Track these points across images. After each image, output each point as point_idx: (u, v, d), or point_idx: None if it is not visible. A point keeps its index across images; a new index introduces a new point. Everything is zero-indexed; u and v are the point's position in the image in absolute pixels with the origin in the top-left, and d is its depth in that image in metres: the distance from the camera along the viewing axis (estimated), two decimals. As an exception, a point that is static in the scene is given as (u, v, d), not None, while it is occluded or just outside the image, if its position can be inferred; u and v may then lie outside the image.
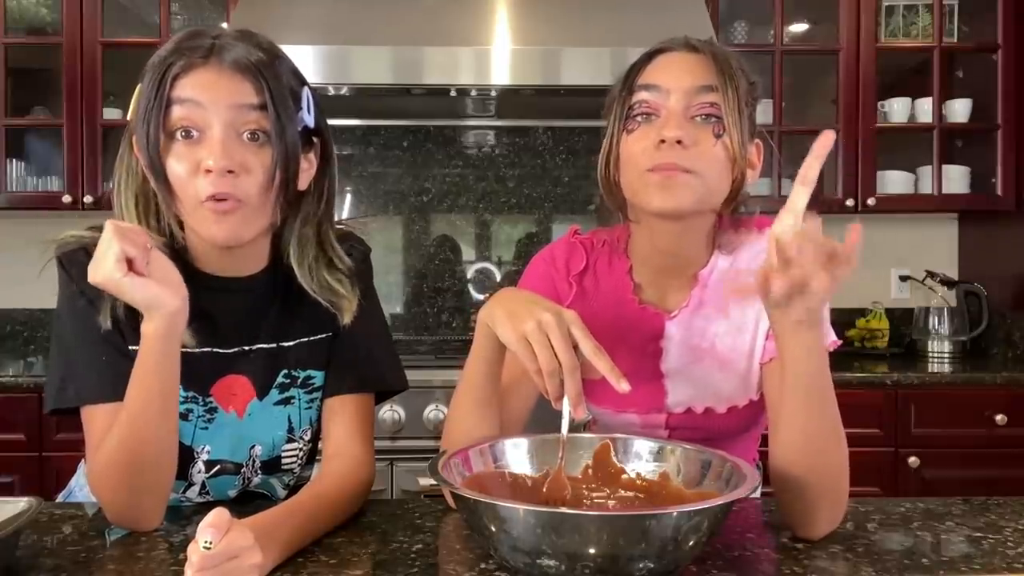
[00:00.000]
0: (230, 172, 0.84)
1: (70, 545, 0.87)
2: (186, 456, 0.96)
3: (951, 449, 2.23)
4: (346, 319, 0.99)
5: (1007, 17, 2.53)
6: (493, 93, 2.34)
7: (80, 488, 1.12)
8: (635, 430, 1.06)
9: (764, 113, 2.58)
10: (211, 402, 0.97)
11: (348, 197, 2.81)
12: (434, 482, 0.77)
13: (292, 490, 1.11)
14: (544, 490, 0.86)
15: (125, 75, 2.62)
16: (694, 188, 0.93)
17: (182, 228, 0.93)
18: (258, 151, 0.87)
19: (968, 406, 2.23)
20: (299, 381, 1.01)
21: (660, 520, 0.68)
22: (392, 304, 2.83)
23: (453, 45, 2.22)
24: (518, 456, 0.91)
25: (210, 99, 0.84)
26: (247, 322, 0.98)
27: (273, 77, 0.87)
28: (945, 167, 2.57)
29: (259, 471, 1.02)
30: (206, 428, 0.98)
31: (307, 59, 2.19)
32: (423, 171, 2.82)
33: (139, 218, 0.92)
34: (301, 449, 1.04)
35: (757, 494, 1.10)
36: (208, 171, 0.84)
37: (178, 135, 0.86)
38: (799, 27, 2.80)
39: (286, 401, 1.00)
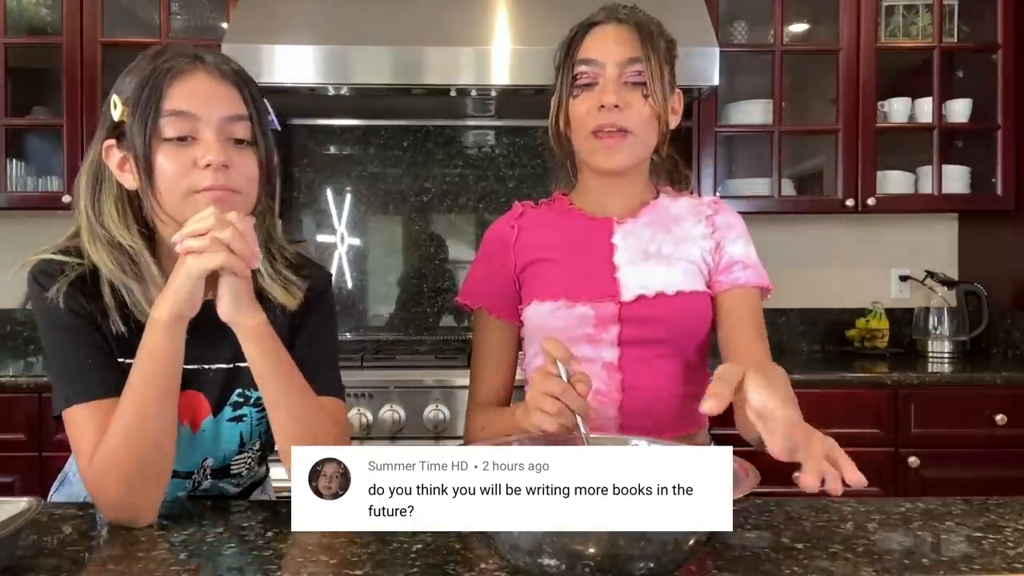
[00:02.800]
0: (225, 166, 0.93)
1: (70, 545, 0.87)
2: None
3: (951, 449, 2.23)
4: (292, 304, 1.03)
5: (1007, 17, 2.53)
6: (493, 93, 2.34)
7: (75, 473, 1.12)
8: (588, 328, 1.15)
9: (764, 113, 2.58)
10: None
11: (348, 197, 2.82)
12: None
13: (245, 489, 1.15)
14: None
15: (125, 75, 2.63)
16: (631, 147, 1.14)
17: (153, 238, 0.99)
18: (243, 151, 0.96)
19: (968, 406, 2.23)
20: (251, 400, 1.04)
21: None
22: (392, 304, 2.83)
23: (453, 45, 2.22)
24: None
25: (203, 111, 0.93)
26: (208, 341, 1.01)
27: (251, 86, 0.98)
28: (945, 167, 2.57)
29: (209, 477, 1.07)
30: None
31: (307, 59, 2.19)
32: (423, 171, 2.83)
33: (118, 224, 0.97)
34: (251, 458, 1.09)
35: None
36: (208, 165, 0.92)
37: (173, 139, 0.93)
38: (799, 27, 2.80)
39: (238, 419, 1.04)
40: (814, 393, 2.16)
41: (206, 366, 1.02)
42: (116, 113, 0.95)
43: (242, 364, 1.01)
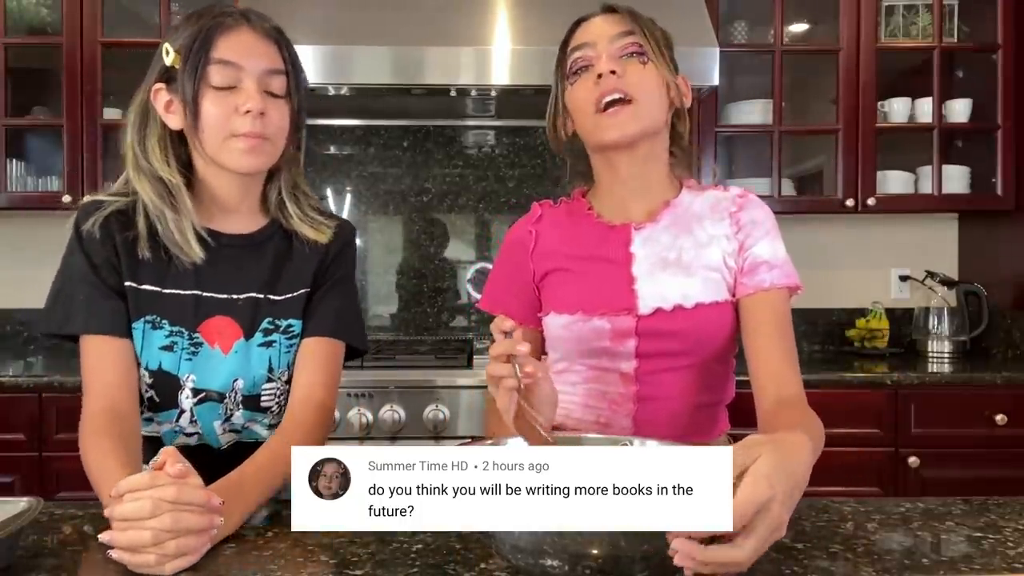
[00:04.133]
0: (262, 114, 1.03)
1: (70, 545, 0.87)
2: (174, 384, 1.09)
3: (951, 449, 2.23)
4: (324, 239, 1.15)
5: (1007, 17, 2.53)
6: (493, 93, 2.34)
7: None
8: (605, 342, 1.13)
9: (764, 113, 2.58)
10: (197, 337, 1.09)
11: (348, 197, 2.82)
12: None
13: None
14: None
15: (125, 75, 2.62)
16: (637, 115, 1.08)
17: (191, 176, 1.09)
18: (277, 102, 1.06)
19: (968, 406, 2.23)
20: (281, 328, 1.13)
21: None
22: (392, 304, 2.84)
23: (453, 45, 2.22)
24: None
25: (247, 62, 1.03)
26: (235, 273, 1.12)
27: (288, 45, 1.08)
28: (945, 167, 2.58)
29: (240, 405, 1.12)
30: (190, 360, 1.09)
31: (307, 59, 2.18)
32: (423, 171, 2.83)
33: (160, 160, 1.07)
34: (279, 389, 1.14)
35: None
36: (247, 112, 1.02)
37: (218, 87, 1.03)
38: (799, 27, 2.80)
39: (268, 344, 1.12)
40: (814, 393, 2.14)
41: (235, 296, 1.11)
42: (168, 59, 1.05)
43: (274, 297, 1.13)
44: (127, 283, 1.06)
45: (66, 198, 2.44)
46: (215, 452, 1.14)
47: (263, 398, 1.13)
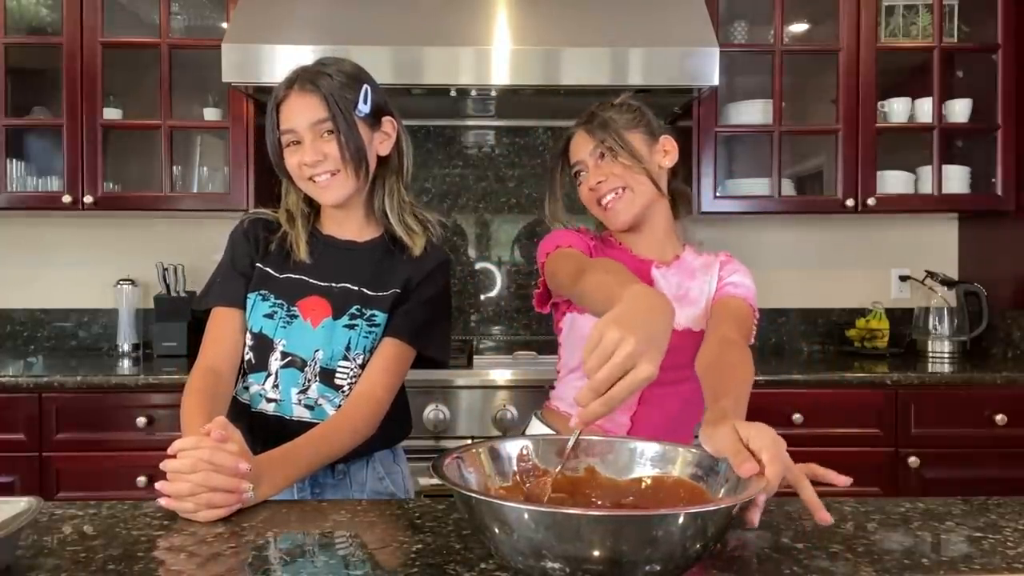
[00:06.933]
0: (319, 160, 1.28)
1: (70, 545, 0.87)
2: (267, 347, 1.30)
3: (951, 449, 2.23)
4: (416, 251, 1.36)
5: (1007, 17, 2.53)
6: (493, 93, 2.34)
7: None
8: None
9: (764, 113, 2.58)
10: (294, 311, 1.32)
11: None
12: (435, 482, 0.77)
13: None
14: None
15: (125, 75, 2.62)
16: (632, 200, 1.38)
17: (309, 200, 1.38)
18: (331, 139, 1.29)
19: (968, 406, 2.24)
20: (365, 316, 1.33)
21: (666, 522, 0.67)
22: (392, 304, 2.83)
23: (453, 45, 2.22)
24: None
25: (298, 123, 1.28)
26: (343, 268, 1.35)
27: (330, 94, 1.28)
28: (945, 167, 2.58)
29: (317, 376, 1.30)
30: (285, 327, 1.31)
31: (307, 59, 2.17)
32: (423, 171, 2.83)
33: (295, 199, 1.38)
34: (352, 371, 1.31)
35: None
36: (307, 165, 1.28)
37: (289, 144, 1.31)
38: (799, 27, 2.80)
39: (351, 326, 1.32)
40: (814, 393, 2.16)
41: (333, 284, 1.33)
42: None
43: (367, 291, 1.33)
44: (256, 264, 1.34)
45: (66, 198, 2.44)
46: (286, 423, 1.29)
47: (337, 374, 1.30)
